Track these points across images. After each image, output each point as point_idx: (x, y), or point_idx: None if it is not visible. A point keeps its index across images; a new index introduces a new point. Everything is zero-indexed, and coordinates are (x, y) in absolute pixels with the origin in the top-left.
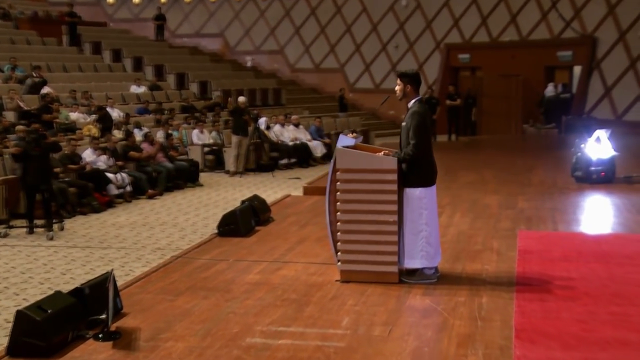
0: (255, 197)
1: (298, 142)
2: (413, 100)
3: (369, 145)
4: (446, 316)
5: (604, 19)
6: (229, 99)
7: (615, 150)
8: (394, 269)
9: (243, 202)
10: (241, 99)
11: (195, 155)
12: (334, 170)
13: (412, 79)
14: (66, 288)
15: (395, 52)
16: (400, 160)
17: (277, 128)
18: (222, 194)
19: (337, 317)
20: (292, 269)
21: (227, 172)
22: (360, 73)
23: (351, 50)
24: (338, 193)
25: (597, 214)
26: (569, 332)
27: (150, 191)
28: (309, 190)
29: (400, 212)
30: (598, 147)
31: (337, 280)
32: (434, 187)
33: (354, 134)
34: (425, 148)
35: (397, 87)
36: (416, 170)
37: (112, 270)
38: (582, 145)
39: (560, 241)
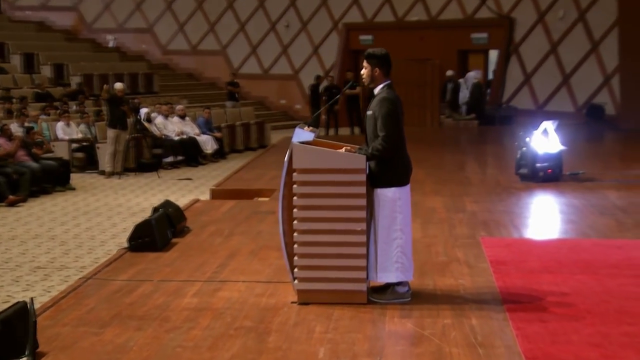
0: (169, 204)
1: (185, 136)
2: (381, 85)
3: (326, 141)
4: (438, 343)
5: None
6: (105, 85)
7: (563, 144)
8: (362, 287)
9: (155, 209)
10: (118, 85)
11: (62, 152)
12: (289, 171)
13: (380, 61)
14: None
15: (286, 32)
16: (368, 157)
17: (159, 120)
18: (102, 199)
19: (310, 348)
20: (234, 289)
21: (102, 172)
22: (246, 56)
23: (234, 29)
24: (294, 198)
25: (559, 217)
26: (588, 359)
27: (11, 197)
28: (218, 194)
29: (369, 218)
30: (545, 140)
31: (293, 302)
32: (408, 187)
33: (311, 128)
34: (397, 141)
35: (363, 71)
36: (388, 167)
37: (32, 299)
38: (528, 139)
39: (531, 249)
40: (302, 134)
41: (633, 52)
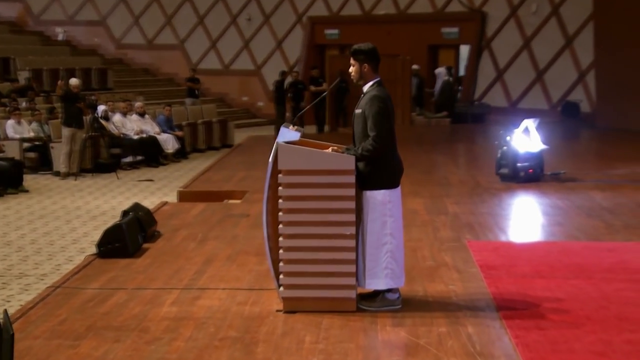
0: (138, 207)
1: (144, 135)
2: (371, 82)
3: (311, 140)
4: (435, 353)
5: None
6: (59, 81)
7: (544, 143)
8: (352, 294)
9: (125, 212)
10: (73, 81)
11: (13, 152)
12: (274, 172)
13: (368, 56)
14: None
15: (248, 26)
16: (357, 157)
17: (117, 118)
18: (59, 202)
19: None
20: (214, 297)
21: (57, 173)
22: (205, 51)
23: (192, 23)
24: (280, 201)
25: (545, 219)
26: None
27: None
28: (186, 196)
29: (358, 222)
30: (526, 139)
31: (279, 311)
32: (399, 189)
33: (296, 127)
34: (388, 141)
35: (351, 68)
36: (378, 168)
37: (6, 311)
38: (508, 138)
39: (521, 253)
40: (288, 134)
41: (609, 48)
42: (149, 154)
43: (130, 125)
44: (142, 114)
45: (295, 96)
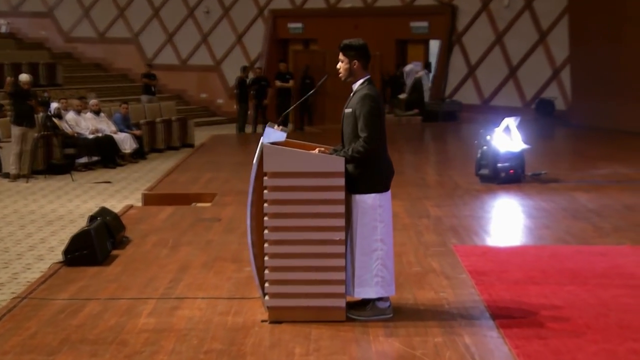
0: (106, 211)
1: (100, 134)
2: (361, 80)
3: (297, 141)
4: None
5: None
6: (8, 78)
7: (525, 142)
8: (341, 302)
9: (92, 217)
10: (24, 77)
11: None
12: (259, 175)
13: (359, 53)
14: None
15: (206, 19)
16: (347, 159)
17: (71, 116)
18: (10, 205)
19: None
20: (194, 307)
21: (7, 175)
22: (161, 45)
23: (147, 15)
24: (265, 205)
25: (531, 222)
26: None
27: None
28: (151, 199)
29: (347, 227)
30: (507, 138)
31: (264, 321)
32: (389, 193)
33: (281, 127)
34: (379, 142)
35: (340, 65)
36: (368, 171)
37: None
38: (488, 137)
39: (510, 258)
40: (273, 134)
41: (584, 43)
42: (105, 154)
43: (85, 124)
44: (97, 112)
45: (258, 93)
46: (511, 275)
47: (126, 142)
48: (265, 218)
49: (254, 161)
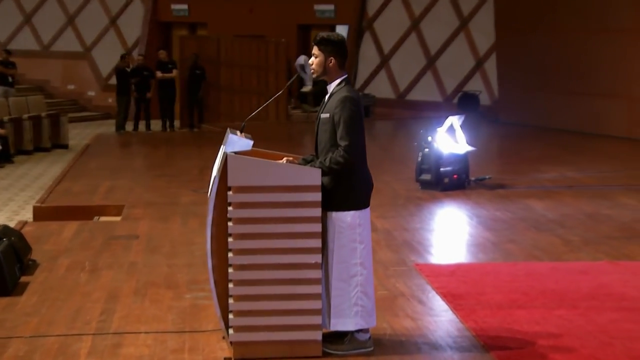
0: (9, 230)
1: None
2: (337, 80)
3: (261, 150)
4: None
5: None
6: None
7: (470, 144)
8: (317, 335)
9: None
10: None
11: None
12: (221, 190)
13: (337, 49)
14: None
15: None
16: (324, 171)
17: None
18: None
19: None
20: (139, 343)
21: None
22: (17, 28)
23: None
24: (229, 224)
25: (492, 235)
26: None
27: None
28: (43, 213)
29: (322, 250)
30: (451, 140)
31: (227, 359)
32: (369, 210)
33: (243, 133)
34: (360, 153)
35: (313, 59)
36: (348, 184)
37: None
38: (430, 138)
39: (483, 278)
40: (237, 142)
41: (511, 31)
42: None
43: None
44: None
45: (141, 85)
46: (491, 298)
47: None
48: (230, 239)
49: (215, 173)
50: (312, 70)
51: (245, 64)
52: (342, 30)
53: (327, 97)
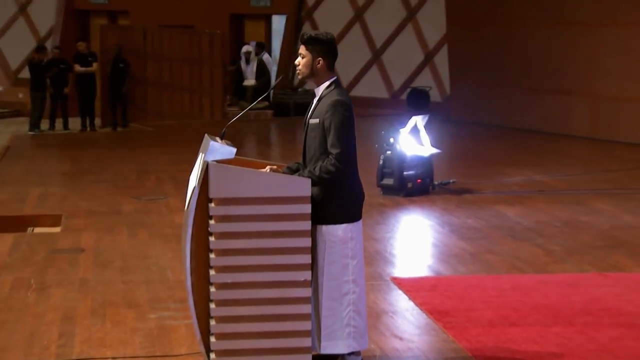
0: None
1: None
2: (327, 83)
3: (241, 158)
4: None
5: None
6: None
7: (434, 145)
8: (307, 359)
9: None
10: None
11: None
12: (202, 202)
13: (327, 49)
14: None
15: None
16: (314, 181)
17: None
18: None
19: None
20: None
21: None
22: None
23: None
24: (211, 239)
25: (469, 245)
26: None
27: None
28: None
29: (312, 267)
30: (415, 141)
31: None
32: (361, 222)
33: (224, 140)
34: (352, 161)
35: (299, 60)
36: (339, 196)
37: None
38: (392, 140)
39: (467, 292)
40: (218, 149)
41: (463, 22)
42: None
43: None
44: None
45: (57, 80)
46: (481, 315)
47: None
48: (212, 255)
49: (194, 184)
50: (298, 71)
51: (175, 57)
52: (279, 20)
53: (315, 100)
